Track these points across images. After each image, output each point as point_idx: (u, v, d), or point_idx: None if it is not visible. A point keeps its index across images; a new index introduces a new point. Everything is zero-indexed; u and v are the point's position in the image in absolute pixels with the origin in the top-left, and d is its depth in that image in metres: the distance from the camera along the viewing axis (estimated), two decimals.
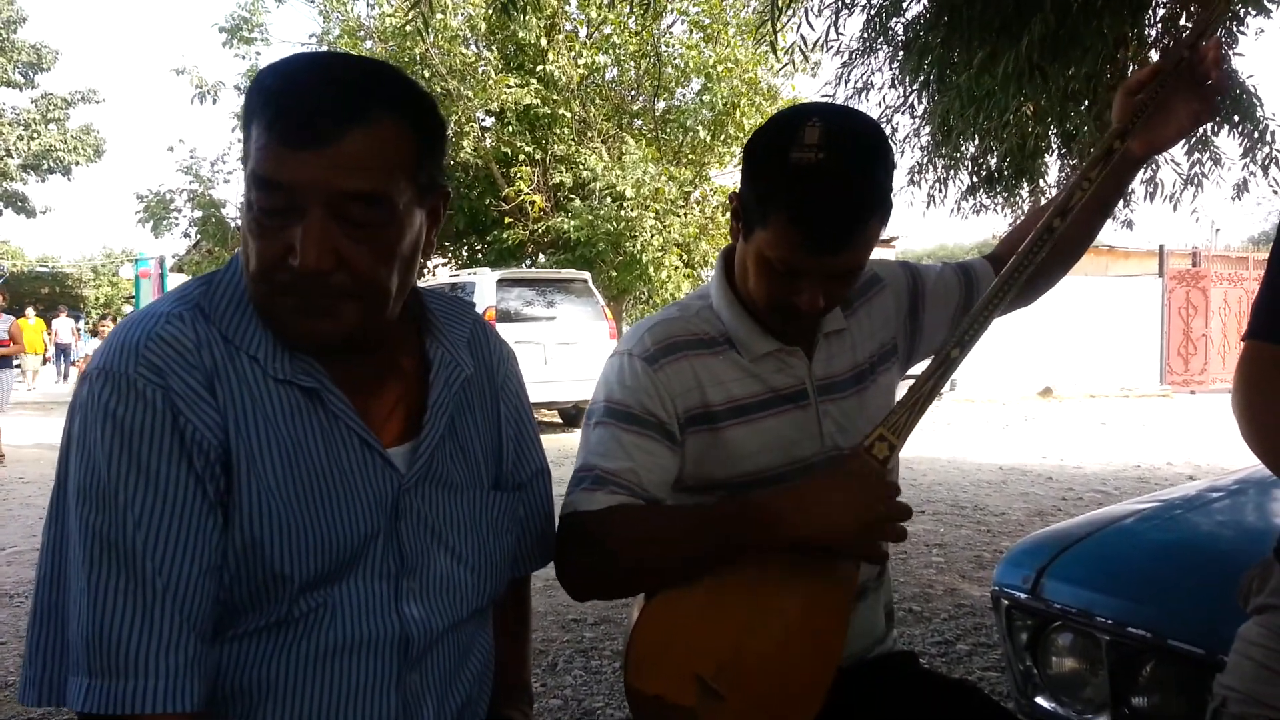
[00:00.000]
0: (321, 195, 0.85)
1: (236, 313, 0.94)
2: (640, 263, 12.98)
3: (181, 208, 16.26)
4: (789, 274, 1.20)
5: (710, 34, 14.05)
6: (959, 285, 1.47)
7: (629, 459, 1.22)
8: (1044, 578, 1.72)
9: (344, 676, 0.94)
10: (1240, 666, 1.15)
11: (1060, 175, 5.16)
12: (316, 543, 0.92)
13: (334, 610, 0.94)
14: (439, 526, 1.02)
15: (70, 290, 36.72)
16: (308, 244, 0.85)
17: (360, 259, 0.88)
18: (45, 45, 26.06)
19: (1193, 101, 1.28)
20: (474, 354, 1.10)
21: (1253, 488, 2.00)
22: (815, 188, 1.13)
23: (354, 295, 0.90)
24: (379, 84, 0.88)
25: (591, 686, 3.25)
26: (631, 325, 1.35)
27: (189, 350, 0.90)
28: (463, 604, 1.03)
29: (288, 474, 0.92)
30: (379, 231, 0.89)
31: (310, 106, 0.84)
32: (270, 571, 0.90)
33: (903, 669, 1.40)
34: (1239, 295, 16.77)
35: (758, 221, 1.20)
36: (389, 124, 0.87)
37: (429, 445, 1.00)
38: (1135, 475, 7.74)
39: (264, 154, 0.85)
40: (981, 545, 5.23)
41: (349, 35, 14.65)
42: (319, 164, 0.84)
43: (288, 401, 0.94)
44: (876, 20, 4.56)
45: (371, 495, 0.96)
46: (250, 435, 0.91)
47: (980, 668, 3.37)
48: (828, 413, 1.33)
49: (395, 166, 0.88)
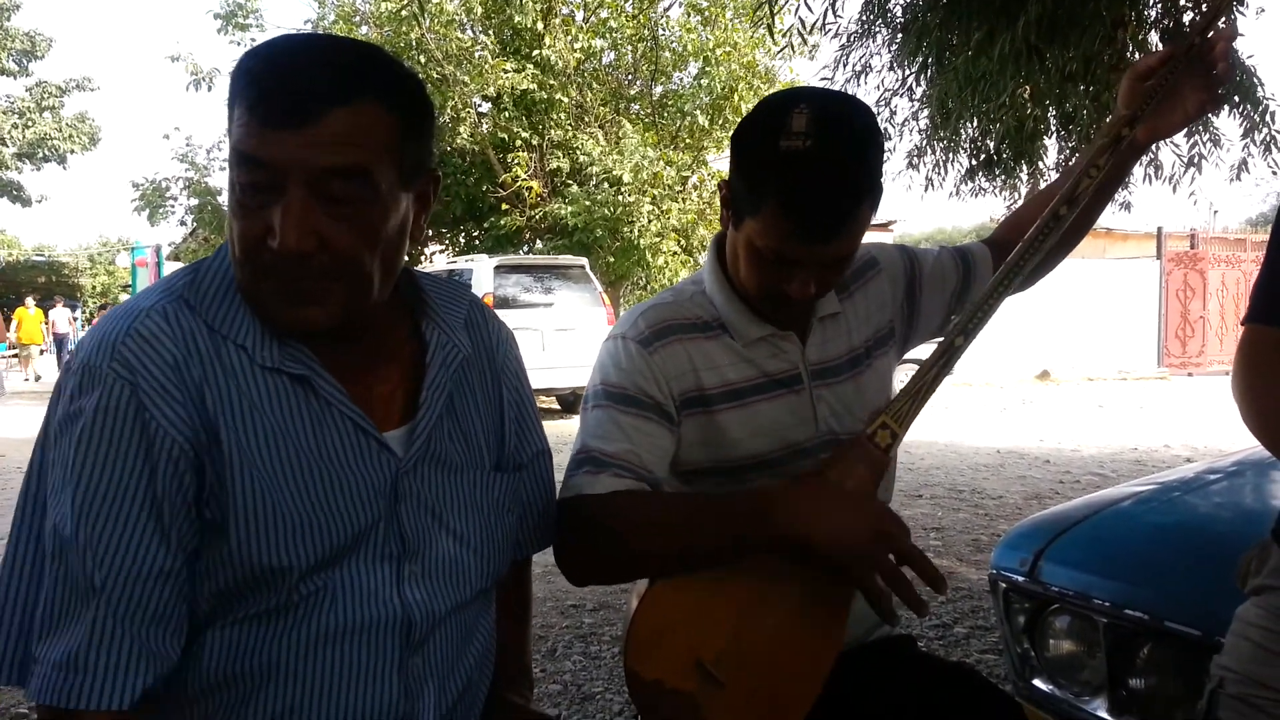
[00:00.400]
0: (301, 174, 0.85)
1: (224, 301, 0.94)
2: (638, 248, 12.96)
3: (177, 195, 16.28)
4: (780, 262, 1.19)
5: (707, 17, 13.98)
6: (956, 270, 1.47)
7: (628, 440, 1.22)
8: (1041, 561, 1.72)
9: (345, 660, 0.94)
10: (1238, 647, 1.16)
11: (1060, 157, 5.14)
12: (314, 531, 0.92)
13: (335, 594, 0.94)
14: (440, 508, 1.01)
15: (66, 279, 36.66)
16: (287, 224, 0.85)
17: (342, 239, 0.87)
18: (39, 33, 25.93)
19: (1199, 90, 1.27)
20: (471, 335, 1.10)
21: (1250, 469, 2.00)
22: (805, 176, 1.12)
23: (336, 277, 0.89)
24: (363, 65, 0.88)
25: (591, 672, 3.26)
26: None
27: (165, 347, 0.89)
28: (465, 586, 1.03)
29: (280, 463, 0.92)
30: (361, 210, 0.88)
31: (292, 86, 0.84)
32: (267, 562, 0.90)
33: (900, 652, 1.40)
34: (1237, 277, 16.78)
35: (748, 210, 1.19)
36: (371, 105, 0.87)
37: (426, 426, 1.00)
38: (1133, 458, 7.76)
39: (245, 131, 0.85)
40: (979, 529, 5.25)
41: (344, 20, 14.58)
42: (299, 142, 0.84)
43: (277, 390, 0.93)
44: (875, 2, 4.53)
45: (369, 480, 0.96)
46: (239, 426, 0.90)
47: (978, 650, 3.39)
48: (822, 397, 1.32)
49: (377, 146, 0.87)
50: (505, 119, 13.81)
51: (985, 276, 1.46)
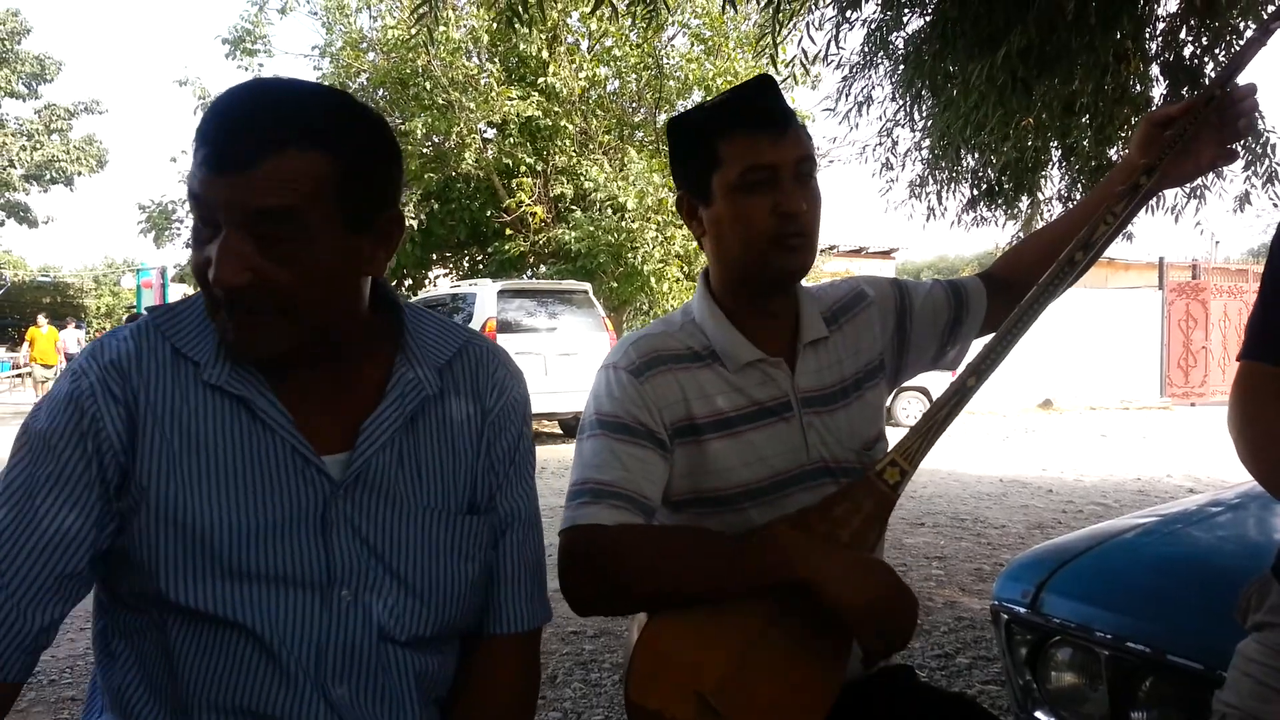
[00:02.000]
0: (235, 214, 0.91)
1: (197, 328, 1.01)
2: (641, 274, 12.99)
3: (183, 218, 16.32)
4: (767, 178, 1.23)
5: (711, 47, 14.10)
6: (948, 303, 1.47)
7: (624, 469, 1.23)
8: (1044, 592, 1.71)
9: (264, 683, 0.96)
10: (1239, 683, 1.15)
11: (1060, 186, 5.17)
12: (225, 534, 0.95)
13: (256, 614, 0.96)
14: (376, 540, 1.01)
15: (72, 300, 36.75)
16: (220, 259, 0.92)
17: (278, 276, 0.93)
18: (49, 56, 26.21)
19: (1213, 144, 1.28)
20: (454, 377, 1.09)
21: (1253, 502, 2.00)
22: (742, 92, 1.27)
23: (278, 311, 0.95)
24: (305, 114, 0.93)
25: (591, 699, 3.24)
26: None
27: (121, 358, 0.98)
28: (411, 623, 1.02)
29: (202, 473, 0.97)
30: (295, 249, 0.93)
31: (232, 134, 0.91)
32: (175, 557, 0.95)
33: (901, 683, 1.40)
34: (1239, 308, 16.79)
35: (714, 169, 1.26)
36: (307, 151, 0.92)
37: (364, 453, 1.01)
38: (1135, 488, 7.73)
39: (195, 175, 0.93)
40: (981, 558, 5.23)
41: (351, 47, 14.71)
42: (234, 186, 0.91)
43: (217, 408, 0.99)
44: (877, 34, 4.58)
45: (299, 502, 0.98)
46: (168, 433, 0.97)
47: (980, 681, 3.37)
48: (812, 425, 1.33)
49: (310, 190, 0.92)
50: (510, 145, 13.90)
51: (978, 310, 1.47)
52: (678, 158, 1.34)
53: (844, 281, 1.48)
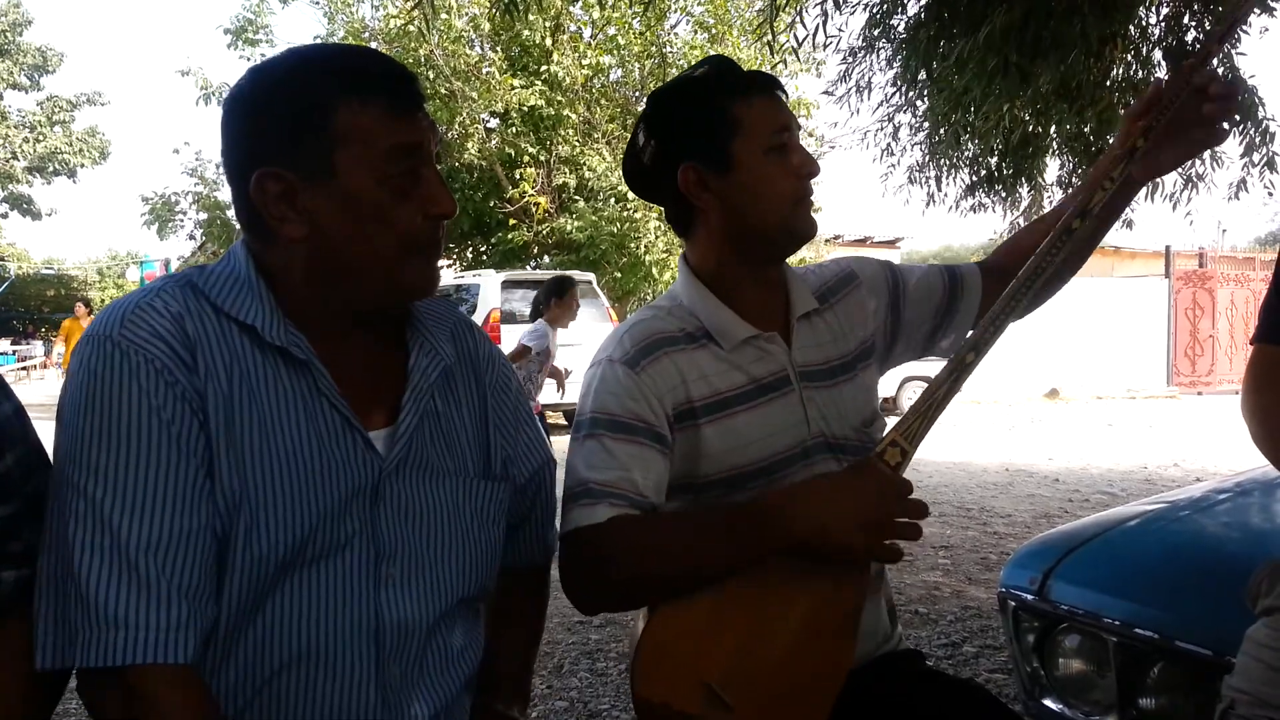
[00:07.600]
0: (428, 150, 0.98)
1: (233, 288, 0.97)
2: (645, 264, 12.97)
3: (186, 210, 16.33)
4: (787, 140, 1.26)
5: (715, 34, 14.04)
6: (942, 285, 1.46)
7: (622, 468, 1.21)
8: (1051, 579, 1.71)
9: (319, 667, 0.94)
10: (1249, 668, 1.15)
11: (1060, 173, 5.15)
12: (290, 514, 0.92)
13: (308, 597, 0.94)
14: (420, 513, 1.01)
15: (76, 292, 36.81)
16: (443, 191, 0.98)
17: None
18: (51, 48, 26.21)
19: (1194, 129, 1.27)
20: (456, 347, 1.11)
21: (1260, 489, 1.99)
22: (726, 62, 1.30)
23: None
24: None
25: (597, 689, 3.25)
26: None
27: (175, 316, 0.92)
28: (446, 594, 1.03)
29: (266, 443, 0.93)
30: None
31: (403, 78, 0.96)
32: (241, 542, 0.90)
33: (909, 668, 1.39)
34: (1246, 296, 16.72)
35: (734, 134, 1.25)
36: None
37: (408, 428, 1.01)
38: (1142, 477, 7.72)
39: (391, 124, 0.94)
40: (988, 547, 5.22)
41: (353, 37, 14.66)
42: (424, 122, 0.97)
43: (275, 372, 0.95)
44: (878, 17, 4.55)
45: (351, 476, 0.96)
46: (232, 403, 0.92)
47: (987, 669, 3.37)
48: (811, 399, 1.32)
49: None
50: (513, 135, 13.87)
51: (973, 295, 1.45)
52: (680, 130, 1.29)
53: (833, 262, 1.47)
